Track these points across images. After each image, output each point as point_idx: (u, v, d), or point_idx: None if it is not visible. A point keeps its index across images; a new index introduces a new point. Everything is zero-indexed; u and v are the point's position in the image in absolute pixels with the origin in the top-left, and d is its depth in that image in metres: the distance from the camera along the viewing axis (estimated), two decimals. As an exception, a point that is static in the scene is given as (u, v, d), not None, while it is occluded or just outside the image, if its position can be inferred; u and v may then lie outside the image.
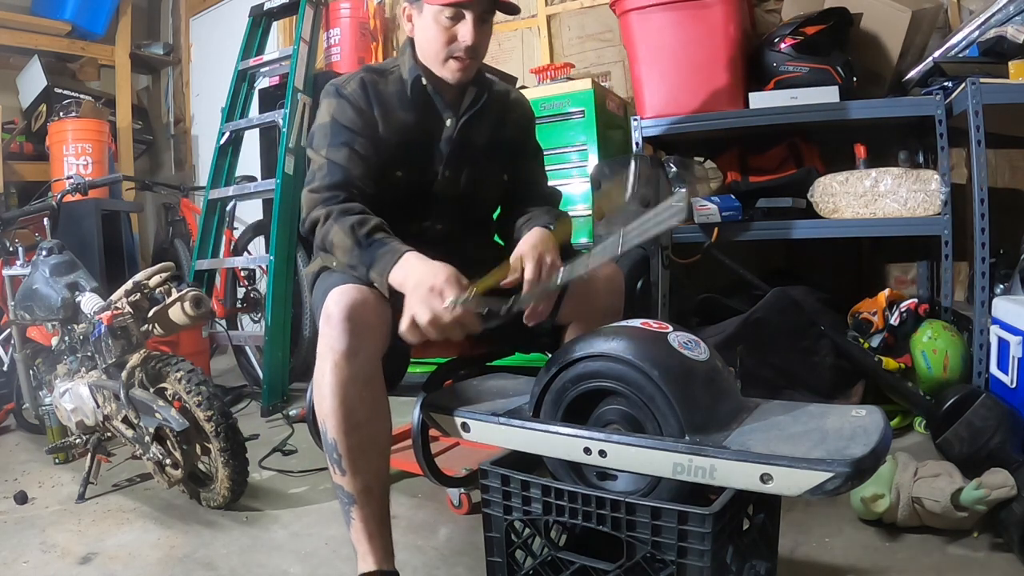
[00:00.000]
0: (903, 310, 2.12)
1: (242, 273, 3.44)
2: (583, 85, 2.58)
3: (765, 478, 0.94)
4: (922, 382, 2.05)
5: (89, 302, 2.05)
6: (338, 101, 1.43)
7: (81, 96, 4.14)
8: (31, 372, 2.48)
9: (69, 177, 3.14)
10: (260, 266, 3.32)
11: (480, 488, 1.19)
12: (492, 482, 1.16)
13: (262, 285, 3.39)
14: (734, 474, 0.96)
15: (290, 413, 2.67)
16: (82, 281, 2.16)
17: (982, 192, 1.99)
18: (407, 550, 1.46)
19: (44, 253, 2.26)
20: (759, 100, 2.34)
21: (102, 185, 3.21)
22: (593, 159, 2.52)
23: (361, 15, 3.63)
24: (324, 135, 1.41)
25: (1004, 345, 1.83)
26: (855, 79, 2.31)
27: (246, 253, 3.32)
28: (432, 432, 1.40)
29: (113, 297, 1.98)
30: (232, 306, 3.43)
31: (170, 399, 1.84)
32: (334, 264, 1.36)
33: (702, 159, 2.72)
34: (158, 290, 1.94)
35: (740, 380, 1.44)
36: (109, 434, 2.02)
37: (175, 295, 1.90)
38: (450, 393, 1.38)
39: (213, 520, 1.82)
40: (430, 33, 1.40)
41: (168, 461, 1.86)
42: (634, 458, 1.04)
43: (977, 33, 2.17)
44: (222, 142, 3.18)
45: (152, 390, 1.85)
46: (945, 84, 2.17)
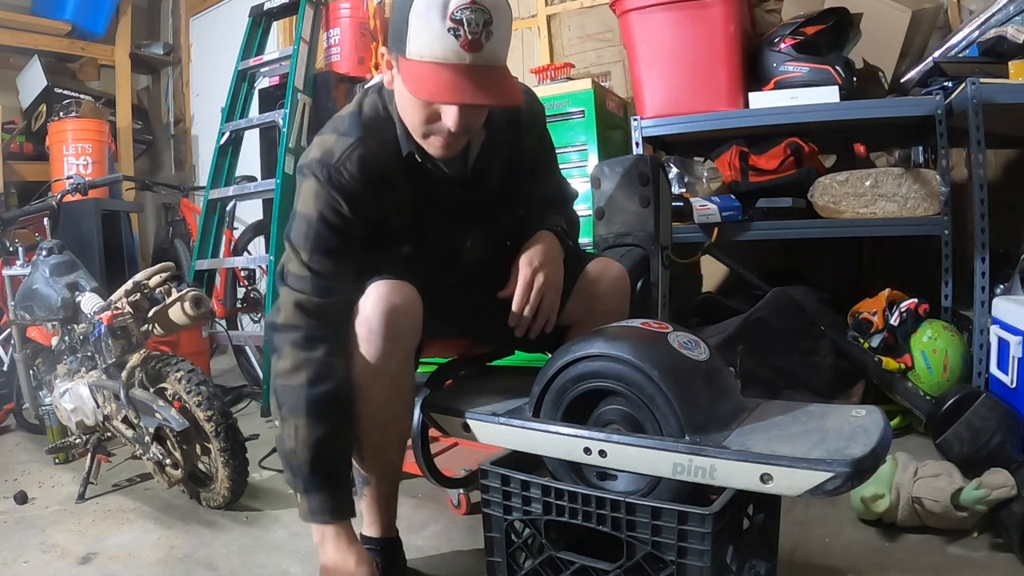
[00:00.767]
0: (903, 310, 2.11)
1: (242, 273, 3.44)
2: (583, 85, 2.57)
3: (765, 478, 0.94)
4: (922, 382, 2.05)
5: (89, 302, 2.05)
6: (328, 194, 1.20)
7: (81, 96, 4.14)
8: (31, 372, 2.48)
9: (69, 177, 3.15)
10: (260, 266, 3.32)
11: (480, 488, 1.19)
12: (492, 482, 1.16)
13: (262, 285, 3.40)
14: (734, 474, 0.96)
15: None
16: (82, 281, 2.16)
17: (982, 192, 1.99)
18: (407, 550, 1.46)
19: (44, 253, 2.26)
20: (759, 100, 2.34)
21: (102, 185, 3.21)
22: (593, 159, 2.51)
23: (361, 15, 3.62)
24: (307, 235, 1.20)
25: (1004, 345, 1.83)
26: (855, 79, 2.31)
27: (246, 253, 3.32)
28: (432, 432, 1.40)
29: (113, 297, 1.98)
30: (232, 306, 3.43)
31: (170, 399, 1.84)
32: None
33: (702, 159, 2.73)
34: (158, 290, 1.94)
35: (740, 380, 1.43)
36: (109, 434, 2.02)
37: (175, 295, 1.90)
38: (450, 393, 1.38)
39: (213, 520, 1.82)
40: (407, 102, 1.16)
41: (168, 461, 1.86)
42: (634, 458, 1.04)
43: (977, 33, 2.17)
44: (222, 142, 3.18)
45: (152, 390, 1.85)
46: (945, 84, 2.17)
